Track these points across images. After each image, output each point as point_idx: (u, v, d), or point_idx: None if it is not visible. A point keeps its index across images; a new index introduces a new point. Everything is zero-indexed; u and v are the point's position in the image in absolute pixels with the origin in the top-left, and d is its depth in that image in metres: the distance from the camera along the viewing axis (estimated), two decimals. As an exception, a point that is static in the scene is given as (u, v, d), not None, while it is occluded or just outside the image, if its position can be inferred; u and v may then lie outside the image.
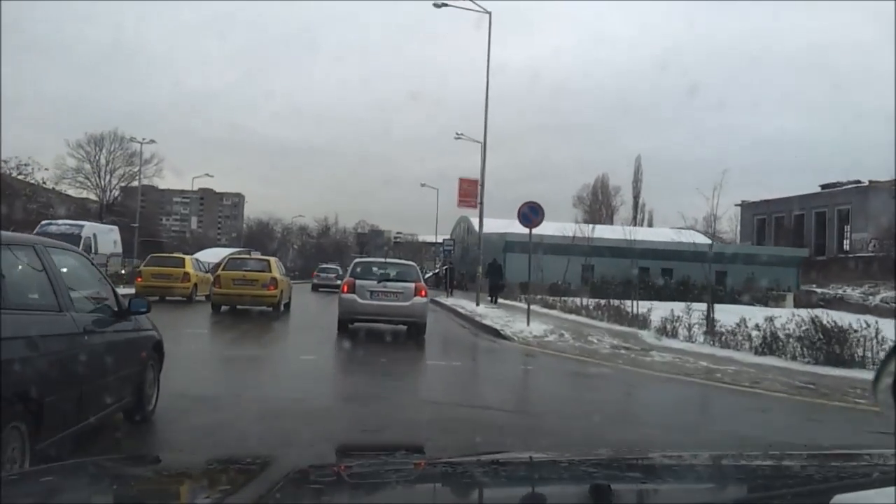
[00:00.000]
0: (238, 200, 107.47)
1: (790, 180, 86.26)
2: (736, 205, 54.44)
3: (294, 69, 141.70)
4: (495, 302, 24.56)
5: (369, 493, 1.60)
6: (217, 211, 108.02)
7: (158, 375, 5.69)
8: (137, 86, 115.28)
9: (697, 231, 53.86)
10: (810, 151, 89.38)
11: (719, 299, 33.30)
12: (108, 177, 60.85)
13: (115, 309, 4.94)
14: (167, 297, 18.38)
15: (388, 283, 12.38)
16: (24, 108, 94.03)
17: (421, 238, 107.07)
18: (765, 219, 55.63)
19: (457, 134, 32.72)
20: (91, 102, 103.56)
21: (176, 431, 5.41)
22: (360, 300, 12.18)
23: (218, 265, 20.53)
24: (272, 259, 18.71)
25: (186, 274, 19.39)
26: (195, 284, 19.58)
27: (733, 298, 29.76)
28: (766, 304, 30.61)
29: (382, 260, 15.42)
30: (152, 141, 49.79)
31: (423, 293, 12.46)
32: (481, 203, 25.53)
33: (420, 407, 6.94)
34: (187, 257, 21.59)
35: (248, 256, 20.56)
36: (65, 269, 4.39)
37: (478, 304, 21.95)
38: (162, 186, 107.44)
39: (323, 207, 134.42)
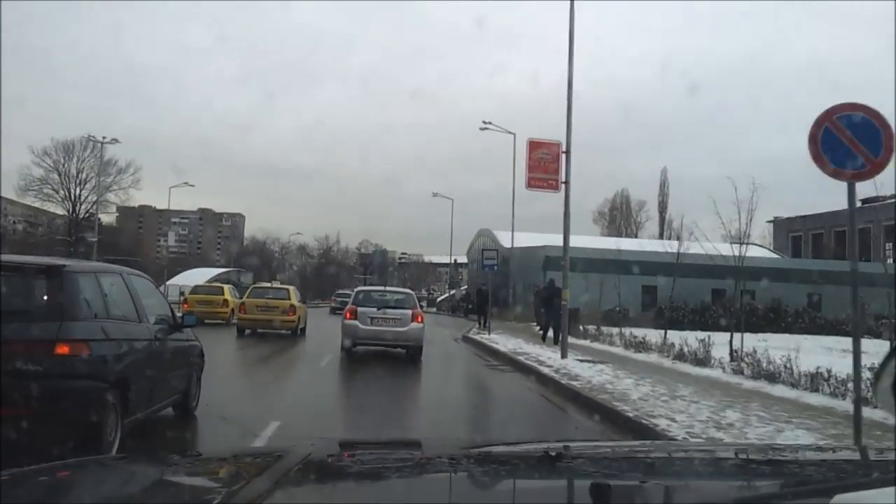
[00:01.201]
0: (238, 220, 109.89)
1: (807, 196, 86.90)
2: (768, 221, 53.19)
3: (297, 88, 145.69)
4: (556, 342, 17.81)
5: (369, 490, 1.68)
6: (216, 231, 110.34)
7: (200, 377, 7.33)
8: (139, 104, 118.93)
9: (762, 246, 48.26)
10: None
11: (818, 329, 26.27)
12: (79, 188, 55.12)
13: (171, 322, 6.59)
14: (206, 321, 20.69)
15: (388, 310, 14.05)
16: (22, 121, 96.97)
17: (427, 258, 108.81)
18: (800, 235, 53.58)
19: (483, 123, 29.60)
20: (91, 120, 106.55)
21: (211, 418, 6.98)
22: (361, 326, 13.82)
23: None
24: (291, 288, 21.87)
25: (225, 301, 23.25)
26: (232, 309, 22.76)
27: (834, 328, 25.12)
28: (878, 336, 23.59)
29: (382, 288, 17.81)
30: (115, 140, 44.63)
31: (419, 319, 14.23)
32: (567, 182, 15.49)
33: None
34: (226, 286, 25.65)
35: (269, 286, 23.27)
36: (138, 290, 6.04)
37: (564, 356, 14.06)
38: (160, 206, 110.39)
39: (325, 228, 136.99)
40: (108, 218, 61.25)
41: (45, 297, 4.93)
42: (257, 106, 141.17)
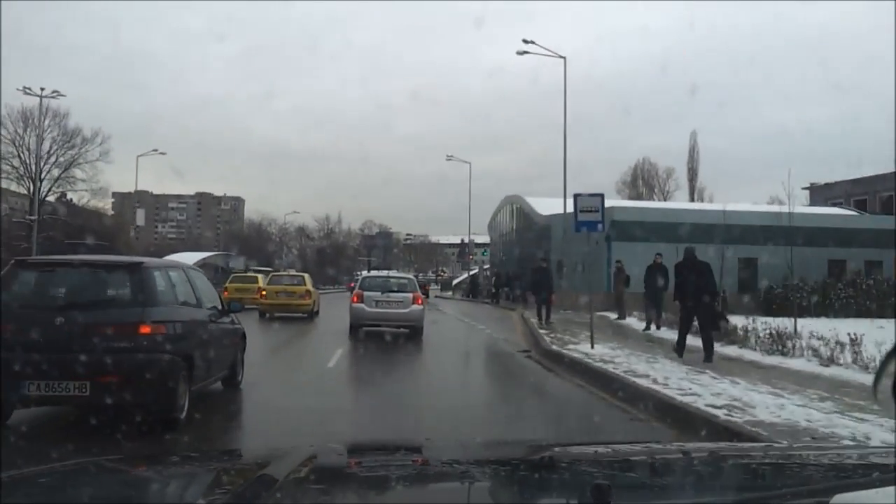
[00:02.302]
0: (237, 204, 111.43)
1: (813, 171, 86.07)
2: (803, 188, 53.02)
3: (295, 71, 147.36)
4: (709, 356, 11.31)
5: (370, 493, 1.77)
6: (216, 215, 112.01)
7: (243, 357, 8.75)
8: (137, 90, 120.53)
9: (849, 209, 41.73)
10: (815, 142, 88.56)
11: None
12: (41, 163, 48.43)
13: (220, 308, 7.99)
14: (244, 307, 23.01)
15: (391, 294, 16.02)
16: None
17: (434, 238, 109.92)
18: (841, 202, 53.04)
19: (524, 43, 27.18)
20: (88, 106, 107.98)
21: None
22: (367, 308, 15.76)
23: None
24: (306, 275, 24.99)
25: (259, 288, 25.75)
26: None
27: None
28: None
29: (386, 274, 19.88)
30: (56, 93, 40.22)
31: (420, 301, 16.27)
32: None
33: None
34: (260, 276, 28.56)
35: (285, 273, 26.47)
36: (195, 281, 7.45)
37: None
38: (157, 191, 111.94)
39: (325, 209, 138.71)
40: (80, 198, 54.20)
41: (130, 289, 6.33)
42: (256, 88, 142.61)
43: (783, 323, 12.74)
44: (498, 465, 1.99)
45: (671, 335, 13.30)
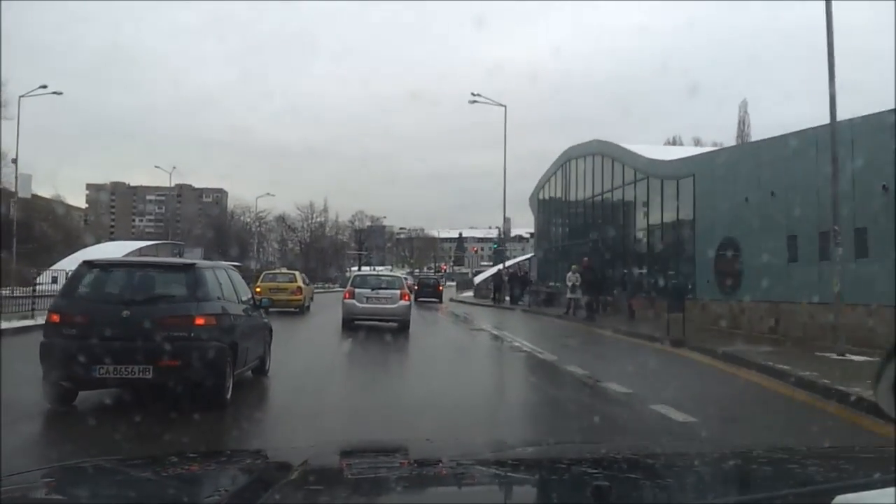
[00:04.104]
0: (219, 196, 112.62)
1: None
2: None
3: (292, 67, 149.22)
4: None
5: (369, 494, 1.90)
6: (197, 207, 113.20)
7: (270, 348, 10.31)
8: (135, 87, 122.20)
9: None
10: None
11: None
12: None
13: (253, 303, 9.56)
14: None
15: (380, 291, 18.44)
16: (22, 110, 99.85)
17: (431, 233, 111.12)
18: None
19: None
20: (86, 103, 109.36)
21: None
22: (358, 304, 18.20)
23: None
24: (297, 272, 29.34)
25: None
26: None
27: None
28: None
29: (376, 273, 23.35)
30: None
31: (406, 297, 18.65)
32: None
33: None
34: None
35: (278, 271, 30.53)
36: (234, 279, 9.04)
37: None
38: (134, 183, 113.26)
39: (312, 198, 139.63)
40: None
41: (185, 286, 7.87)
42: (252, 89, 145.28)
43: None
44: (499, 466, 2.15)
45: None
